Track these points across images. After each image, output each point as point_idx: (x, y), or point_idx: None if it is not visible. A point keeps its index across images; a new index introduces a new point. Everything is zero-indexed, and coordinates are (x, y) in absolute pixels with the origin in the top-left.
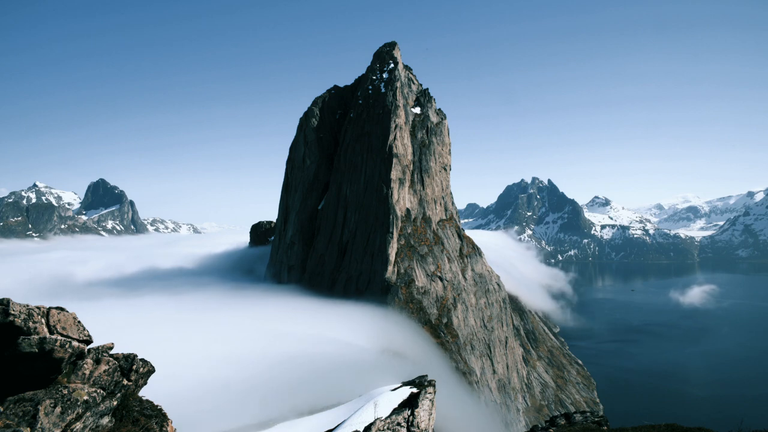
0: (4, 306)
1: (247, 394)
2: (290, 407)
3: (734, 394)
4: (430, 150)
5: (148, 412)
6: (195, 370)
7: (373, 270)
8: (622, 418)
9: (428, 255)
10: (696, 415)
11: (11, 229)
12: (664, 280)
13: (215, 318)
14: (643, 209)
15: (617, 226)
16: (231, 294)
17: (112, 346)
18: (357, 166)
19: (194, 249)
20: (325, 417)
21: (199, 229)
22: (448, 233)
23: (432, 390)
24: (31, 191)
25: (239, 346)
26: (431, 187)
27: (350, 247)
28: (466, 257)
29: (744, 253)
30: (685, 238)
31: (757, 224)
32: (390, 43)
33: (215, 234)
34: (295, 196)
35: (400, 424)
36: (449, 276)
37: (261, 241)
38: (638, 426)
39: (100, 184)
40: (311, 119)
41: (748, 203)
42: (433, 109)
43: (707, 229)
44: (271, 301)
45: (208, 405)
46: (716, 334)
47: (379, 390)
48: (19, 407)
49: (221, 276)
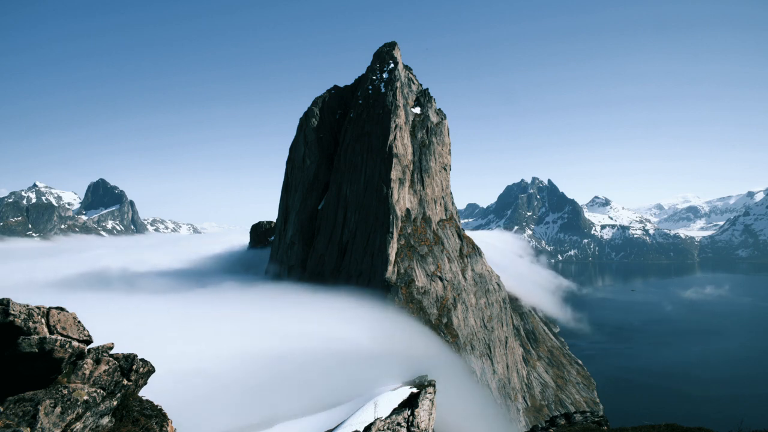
0: (4, 306)
1: (247, 393)
2: (290, 407)
3: (734, 394)
4: (430, 150)
5: (148, 412)
6: (195, 369)
7: (373, 270)
8: (622, 418)
9: (428, 255)
10: (696, 415)
11: (11, 229)
12: (664, 280)
13: (215, 315)
14: (643, 209)
15: (617, 226)
16: (232, 292)
17: (112, 346)
18: (357, 166)
19: (195, 249)
20: (325, 417)
21: (199, 229)
22: (448, 233)
23: (432, 390)
24: (31, 191)
25: (239, 346)
26: (431, 187)
27: (350, 247)
28: (466, 257)
29: (744, 253)
30: (685, 238)
31: (757, 224)
32: (390, 43)
33: (215, 234)
34: (295, 196)
35: (400, 424)
36: (449, 276)
37: (261, 241)
38: (638, 426)
39: (100, 184)
40: (311, 119)
41: (748, 203)
42: (433, 109)
43: (707, 229)
44: (270, 300)
45: (208, 405)
46: (716, 334)
47: (379, 390)
48: (19, 407)
49: (221, 274)
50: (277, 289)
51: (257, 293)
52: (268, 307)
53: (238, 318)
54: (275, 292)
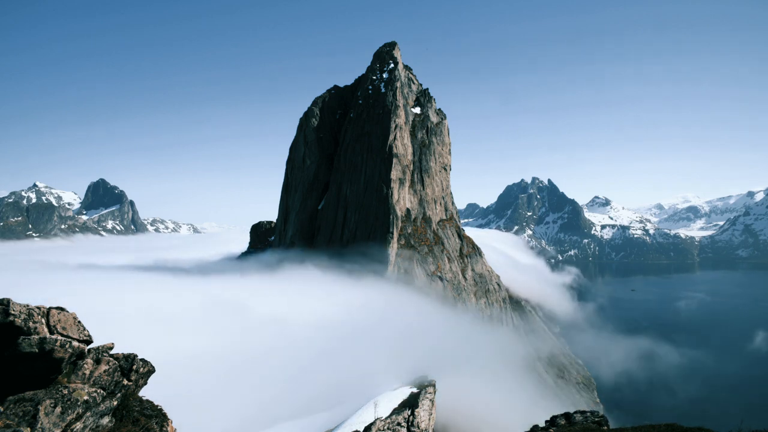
0: (4, 306)
1: (247, 393)
2: (290, 407)
3: (734, 394)
4: (430, 150)
5: (148, 412)
6: (195, 368)
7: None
8: (622, 418)
9: (428, 255)
10: (696, 415)
11: (11, 229)
12: (665, 279)
13: (215, 313)
14: (643, 209)
15: (617, 226)
16: (232, 285)
17: (112, 346)
18: (357, 166)
19: (196, 248)
20: (325, 417)
21: (199, 229)
22: (448, 233)
23: (432, 390)
24: (31, 191)
25: (239, 345)
26: (431, 187)
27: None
28: (466, 257)
29: (744, 253)
30: (685, 238)
31: (757, 224)
32: (390, 43)
33: (215, 234)
34: (295, 196)
35: (400, 424)
36: (449, 276)
37: (261, 241)
38: (638, 426)
39: (100, 184)
40: (311, 119)
41: (748, 203)
42: (433, 109)
43: (707, 229)
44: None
45: (208, 404)
46: (716, 334)
47: (379, 390)
48: (19, 407)
49: (222, 274)
50: (276, 286)
51: (257, 289)
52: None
53: (238, 316)
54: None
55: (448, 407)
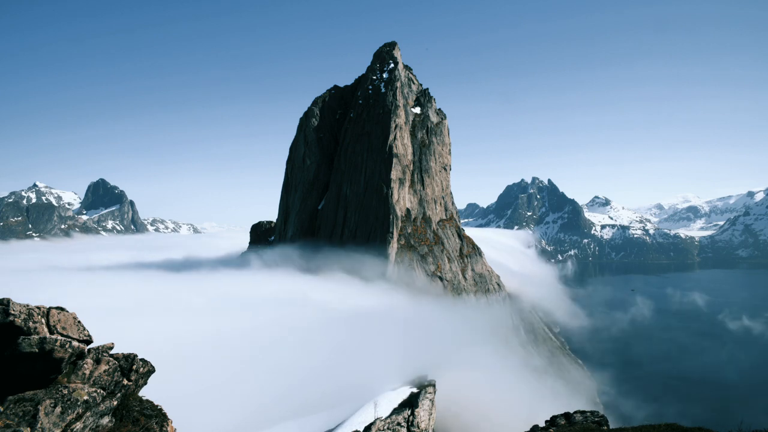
0: (5, 306)
1: (247, 393)
2: (291, 407)
3: (734, 394)
4: (430, 150)
5: (148, 412)
6: (195, 368)
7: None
8: (622, 418)
9: (428, 255)
10: (696, 415)
11: (11, 229)
12: (665, 279)
13: (215, 313)
14: (643, 209)
15: (617, 226)
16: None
17: (112, 346)
18: (357, 166)
19: (196, 248)
20: (325, 417)
21: (199, 229)
22: (448, 233)
23: (432, 390)
24: (31, 191)
25: (239, 345)
26: (431, 187)
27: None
28: (466, 257)
29: (744, 253)
30: (685, 238)
31: (757, 224)
32: (390, 43)
33: (215, 234)
34: (295, 196)
35: (400, 424)
36: (449, 276)
37: (261, 241)
38: (638, 426)
39: (100, 184)
40: (311, 119)
41: (748, 203)
42: (433, 109)
43: (707, 229)
44: (270, 299)
45: (208, 404)
46: (716, 334)
47: (379, 390)
48: (20, 407)
49: (222, 274)
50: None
51: (257, 288)
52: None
53: (238, 315)
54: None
55: (447, 407)
